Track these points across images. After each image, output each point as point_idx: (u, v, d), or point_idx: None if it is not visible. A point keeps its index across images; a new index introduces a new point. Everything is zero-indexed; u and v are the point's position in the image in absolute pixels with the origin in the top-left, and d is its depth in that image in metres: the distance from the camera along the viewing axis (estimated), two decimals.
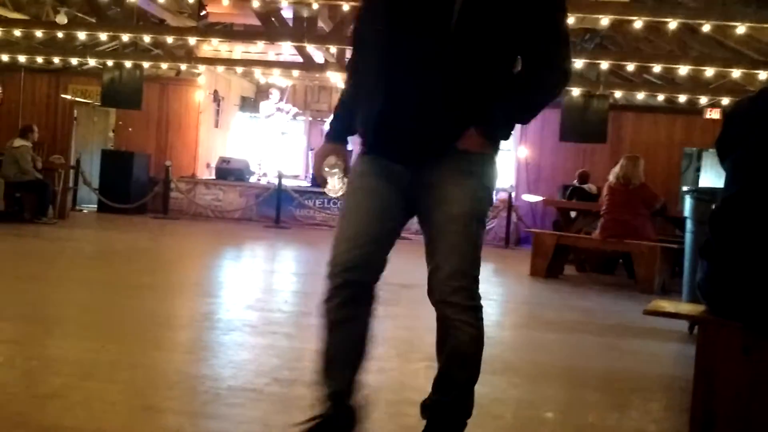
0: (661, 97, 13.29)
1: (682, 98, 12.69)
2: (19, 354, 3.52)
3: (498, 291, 7.39)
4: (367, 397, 2.54)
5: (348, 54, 12.97)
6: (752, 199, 2.49)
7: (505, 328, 5.40)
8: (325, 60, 12.80)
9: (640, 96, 13.22)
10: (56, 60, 14.22)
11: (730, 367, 2.42)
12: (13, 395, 2.87)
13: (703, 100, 12.57)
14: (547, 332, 5.13)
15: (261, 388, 3.19)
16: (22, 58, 13.88)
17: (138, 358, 3.55)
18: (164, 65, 13.88)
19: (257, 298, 5.48)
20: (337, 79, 14.44)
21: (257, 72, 14.77)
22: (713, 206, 2.68)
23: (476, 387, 3.47)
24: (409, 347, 4.24)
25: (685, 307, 2.97)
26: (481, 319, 2.41)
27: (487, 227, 12.61)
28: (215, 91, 14.90)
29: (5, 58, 13.75)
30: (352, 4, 10.36)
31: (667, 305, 2.88)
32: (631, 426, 3.04)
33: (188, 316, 4.92)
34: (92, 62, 13.85)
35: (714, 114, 12.45)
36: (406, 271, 6.91)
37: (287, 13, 11.60)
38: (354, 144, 2.51)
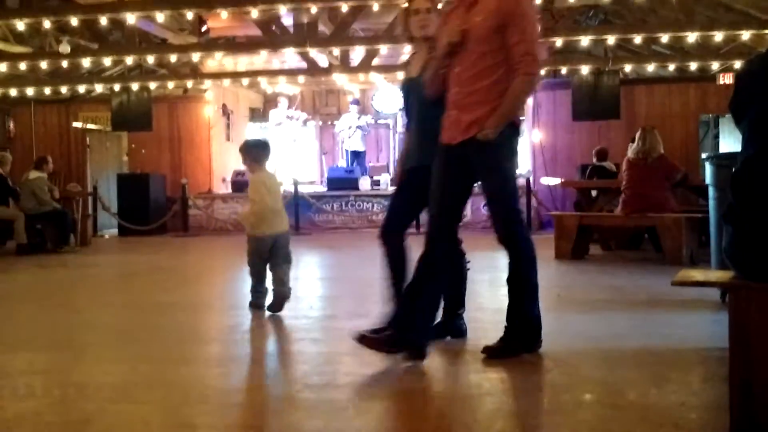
0: (671, 67, 13.12)
1: (693, 66, 12.52)
2: (52, 382, 3.52)
3: None
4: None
5: (351, 54, 12.96)
6: None
7: None
8: (330, 63, 12.78)
9: (651, 68, 13.08)
10: (64, 89, 14.33)
11: (764, 331, 2.36)
12: (48, 424, 2.87)
13: (715, 65, 12.39)
14: (578, 313, 5.07)
15: (293, 395, 3.17)
16: (30, 91, 14.00)
17: (169, 376, 3.54)
18: (171, 84, 13.95)
19: (286, 307, 5.45)
20: (344, 81, 14.44)
21: (263, 82, 14.78)
22: (733, 170, 2.61)
23: (507, 374, 3.44)
24: (438, 342, 4.19)
25: (715, 275, 2.90)
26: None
27: None
28: (224, 105, 14.94)
29: (14, 92, 13.88)
30: (351, 4, 10.34)
31: (695, 274, 2.83)
32: (671, 400, 2.98)
33: (215, 330, 4.92)
34: (99, 88, 13.96)
35: (727, 79, 12.28)
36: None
37: (287, 20, 11.60)
38: None
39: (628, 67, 13.31)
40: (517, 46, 3.43)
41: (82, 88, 14.22)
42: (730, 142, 13.91)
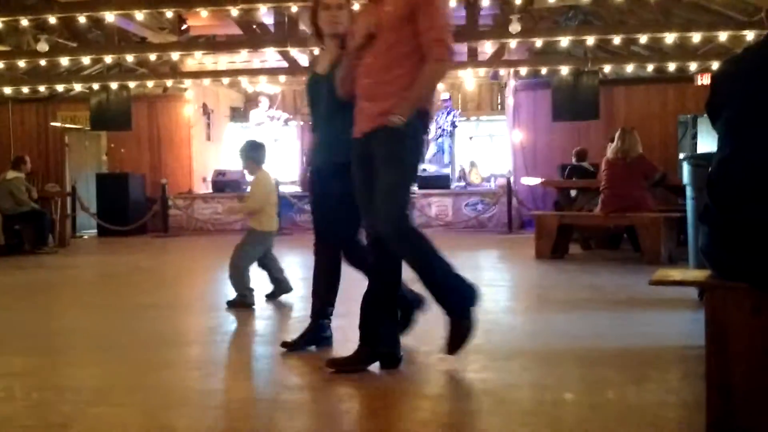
0: (650, 68, 13.24)
1: (672, 66, 12.64)
2: (30, 386, 3.48)
3: (505, 276, 7.35)
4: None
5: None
6: (746, 158, 2.45)
7: (515, 312, 5.36)
8: (310, 62, 12.75)
9: (630, 68, 13.18)
10: (42, 88, 14.20)
11: (741, 330, 2.38)
12: (26, 428, 2.84)
13: (693, 66, 12.51)
14: (558, 313, 5.09)
15: (273, 398, 3.16)
16: (8, 90, 13.87)
17: (148, 379, 3.52)
18: (150, 83, 13.86)
19: (263, 307, 5.44)
20: None
21: (244, 81, 14.74)
22: (709, 170, 2.64)
23: (488, 374, 3.45)
24: (419, 340, 4.20)
25: (692, 274, 2.93)
26: None
27: (489, 214, 12.64)
28: (204, 105, 14.86)
29: None
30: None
31: (673, 274, 2.85)
32: (650, 399, 3.01)
33: (195, 332, 4.89)
34: (78, 87, 13.84)
35: (705, 79, 12.38)
36: (409, 266, 6.78)
37: (268, 19, 11.55)
38: None
39: (607, 68, 13.41)
40: (427, 33, 3.36)
41: (60, 87, 14.09)
42: (708, 142, 14.02)
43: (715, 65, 11.84)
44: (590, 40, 11.62)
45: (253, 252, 5.59)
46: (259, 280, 5.69)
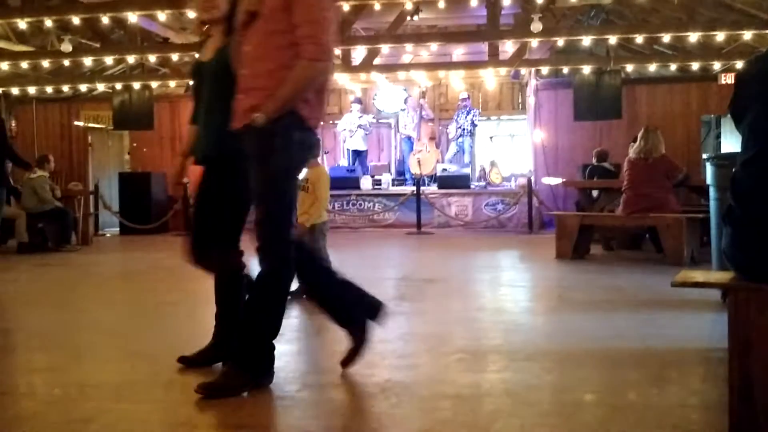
0: (673, 67, 13.10)
1: (695, 66, 12.51)
2: (53, 382, 3.53)
3: (525, 276, 7.33)
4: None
5: (353, 53, 12.94)
6: None
7: (535, 313, 5.34)
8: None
9: (652, 68, 13.07)
10: (65, 88, 14.34)
11: (764, 332, 2.36)
12: (49, 424, 2.87)
13: (717, 65, 12.38)
14: (579, 314, 5.06)
15: (292, 395, 3.17)
16: (32, 90, 14.03)
17: (169, 375, 3.54)
18: (172, 83, 13.95)
19: None
20: (345, 80, 14.44)
21: None
22: (733, 171, 2.61)
23: (509, 375, 3.43)
24: (439, 341, 4.20)
25: (714, 275, 2.91)
26: None
27: (509, 214, 12.59)
28: None
29: (16, 91, 13.91)
30: (353, 3, 10.34)
31: (695, 275, 2.82)
32: (671, 401, 2.98)
33: None
34: (101, 87, 13.96)
35: (729, 79, 12.25)
36: (427, 267, 6.91)
37: None
38: None
39: (629, 67, 13.29)
40: (301, 28, 3.05)
41: (83, 87, 14.22)
42: (732, 142, 13.88)
43: (739, 65, 11.71)
44: (612, 40, 11.53)
45: (324, 242, 5.77)
46: None
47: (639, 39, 11.70)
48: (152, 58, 13.12)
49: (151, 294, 6.46)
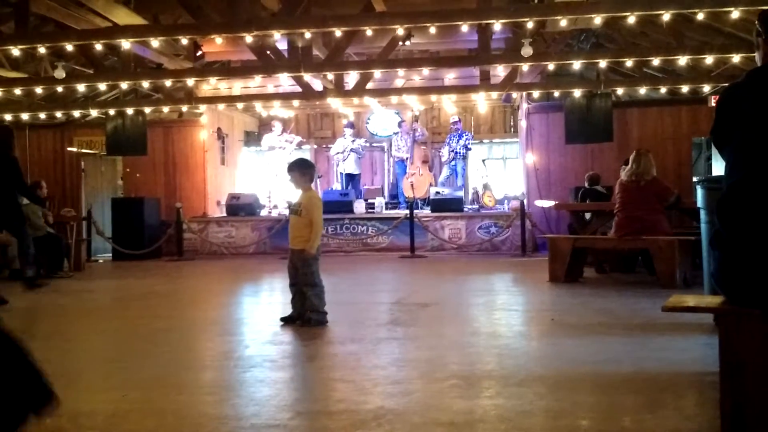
0: (663, 90, 13.23)
1: (685, 89, 12.62)
2: None
3: (518, 300, 7.32)
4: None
5: (347, 78, 13.03)
6: (757, 182, 2.44)
7: (529, 337, 5.33)
8: (324, 87, 12.84)
9: (642, 91, 13.17)
10: (59, 114, 14.36)
11: (755, 356, 2.37)
12: None
13: (706, 88, 12.49)
14: (571, 338, 5.06)
15: (285, 423, 3.15)
16: (25, 116, 14.04)
17: (160, 403, 3.52)
18: (166, 109, 14.00)
19: (274, 332, 5.44)
20: (338, 105, 14.50)
21: (258, 106, 14.85)
22: (720, 195, 2.63)
23: (501, 401, 3.42)
24: (432, 367, 4.19)
25: (705, 300, 2.91)
26: None
27: (502, 237, 12.61)
28: (219, 129, 14.98)
29: (9, 117, 13.91)
30: (344, 29, 10.41)
31: (687, 299, 2.83)
32: (665, 426, 2.97)
33: (208, 357, 4.90)
34: (94, 113, 13.99)
35: None
36: (421, 291, 6.91)
37: (282, 45, 11.66)
38: None
39: (620, 90, 13.40)
40: None
41: (77, 113, 14.25)
42: (723, 164, 13.96)
43: None
44: (603, 63, 11.62)
45: (317, 273, 5.69)
46: (270, 311, 5.69)
47: (629, 62, 11.80)
48: (145, 84, 13.17)
49: (143, 320, 6.42)
